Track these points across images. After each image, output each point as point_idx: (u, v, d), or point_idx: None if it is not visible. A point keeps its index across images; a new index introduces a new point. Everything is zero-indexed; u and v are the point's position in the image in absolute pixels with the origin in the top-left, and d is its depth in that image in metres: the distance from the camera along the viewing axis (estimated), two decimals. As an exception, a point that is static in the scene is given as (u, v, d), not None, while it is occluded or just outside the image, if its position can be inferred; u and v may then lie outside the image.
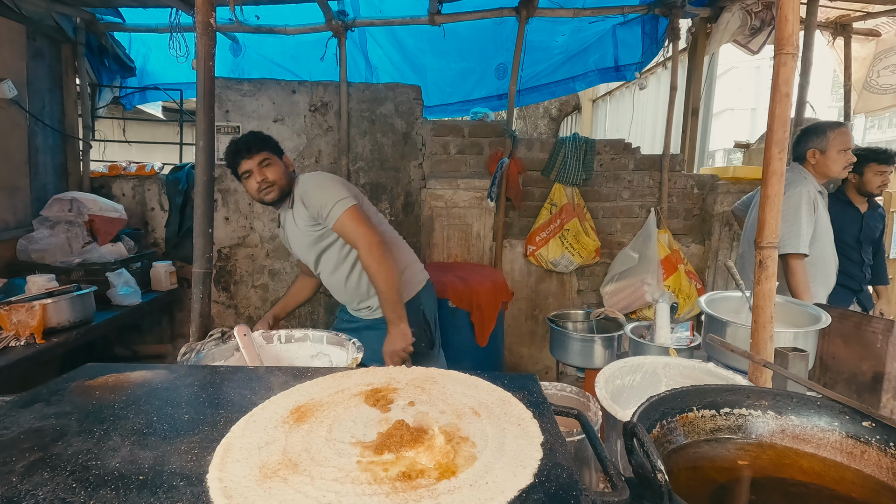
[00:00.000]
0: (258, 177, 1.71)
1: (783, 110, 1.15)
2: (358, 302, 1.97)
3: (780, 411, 0.82)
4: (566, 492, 0.52)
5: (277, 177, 1.75)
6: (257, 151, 1.72)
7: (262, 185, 1.72)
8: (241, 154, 1.72)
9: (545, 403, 0.73)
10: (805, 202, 2.12)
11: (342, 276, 1.90)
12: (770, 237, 1.18)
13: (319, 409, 0.71)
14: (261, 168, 1.72)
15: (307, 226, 1.79)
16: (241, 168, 1.74)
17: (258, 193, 1.75)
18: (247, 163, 1.72)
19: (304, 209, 1.76)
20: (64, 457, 0.58)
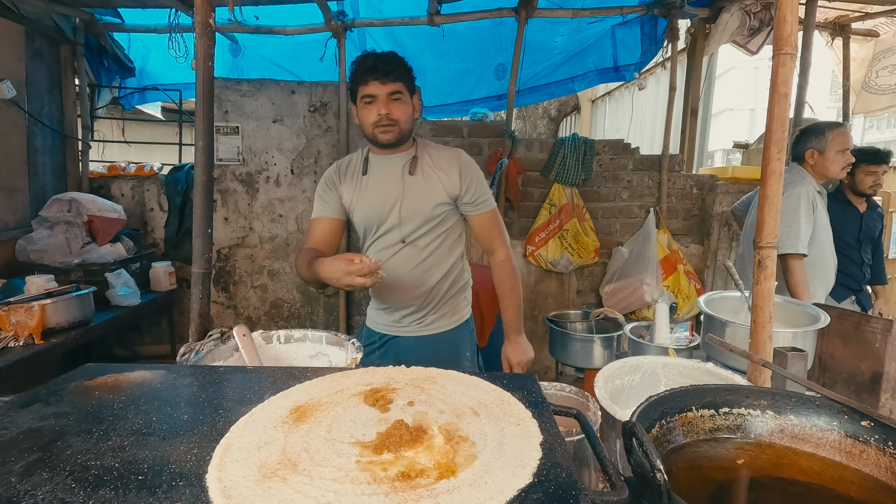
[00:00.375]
0: (382, 109, 1.42)
1: (782, 111, 1.15)
2: (416, 310, 1.61)
3: (779, 411, 0.82)
4: (565, 491, 0.52)
5: (404, 117, 1.46)
6: (394, 79, 1.41)
7: (381, 121, 1.43)
8: (374, 74, 1.40)
9: (544, 403, 0.73)
10: (804, 202, 2.12)
11: (430, 270, 1.58)
12: (769, 237, 1.18)
13: (319, 409, 0.71)
14: (390, 100, 1.43)
15: (443, 194, 1.52)
16: (365, 90, 1.42)
17: (373, 128, 1.46)
18: (376, 86, 1.41)
19: (456, 179, 1.52)
20: (63, 457, 0.58)
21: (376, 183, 1.55)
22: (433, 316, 1.63)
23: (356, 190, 1.56)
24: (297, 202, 3.52)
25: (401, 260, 1.55)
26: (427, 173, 1.53)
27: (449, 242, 1.60)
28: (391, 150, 1.53)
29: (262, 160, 3.47)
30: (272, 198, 3.51)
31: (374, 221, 1.54)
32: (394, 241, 1.54)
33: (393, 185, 1.52)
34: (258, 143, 3.45)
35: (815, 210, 2.15)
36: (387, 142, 1.48)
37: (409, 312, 1.61)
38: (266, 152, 3.47)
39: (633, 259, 3.24)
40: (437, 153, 1.57)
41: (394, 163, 1.55)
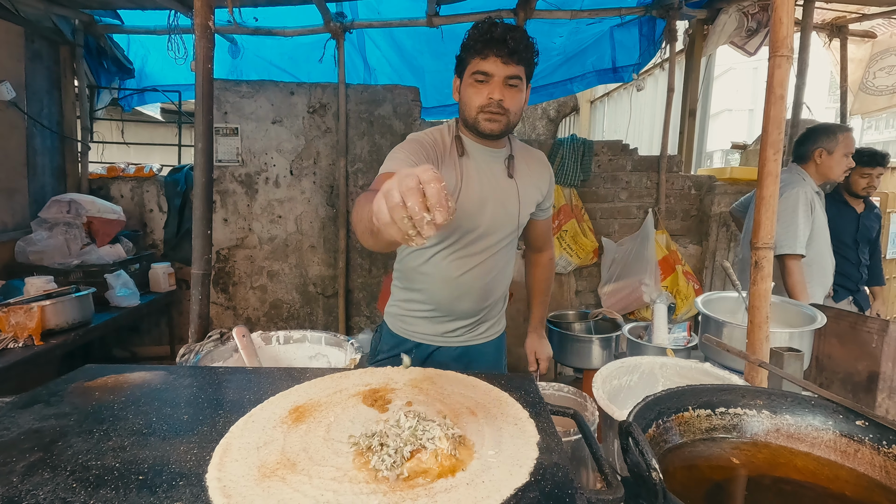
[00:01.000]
0: (496, 93, 1.21)
1: (778, 112, 1.16)
2: (476, 321, 1.46)
3: (775, 410, 0.83)
4: (562, 490, 0.52)
5: (516, 108, 1.26)
6: (518, 62, 1.20)
7: (491, 106, 1.22)
8: (498, 49, 1.18)
9: (542, 403, 0.74)
10: (802, 203, 2.13)
11: (500, 281, 1.45)
12: (765, 238, 1.18)
13: (318, 410, 0.72)
14: (506, 84, 1.21)
15: (535, 201, 1.40)
16: (481, 64, 1.20)
17: (478, 112, 1.24)
18: (495, 64, 1.19)
19: (545, 185, 1.42)
20: (64, 457, 0.59)
21: (476, 176, 1.30)
22: (486, 325, 1.49)
23: (455, 174, 1.28)
24: (296, 203, 3.53)
25: (481, 271, 1.36)
26: (523, 176, 1.36)
27: (514, 249, 1.48)
28: (491, 141, 1.32)
29: (262, 161, 3.48)
30: (271, 199, 3.52)
31: (465, 223, 1.30)
32: (479, 250, 1.34)
33: (493, 185, 1.32)
34: (257, 144, 3.46)
35: (814, 211, 2.16)
36: (490, 132, 1.26)
37: (467, 324, 1.44)
38: (265, 153, 3.47)
39: (632, 259, 3.25)
40: (528, 153, 1.42)
41: (493, 157, 1.33)
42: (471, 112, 1.25)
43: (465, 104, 1.27)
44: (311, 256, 3.58)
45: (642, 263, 3.19)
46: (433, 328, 1.44)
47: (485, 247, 1.34)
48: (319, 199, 3.53)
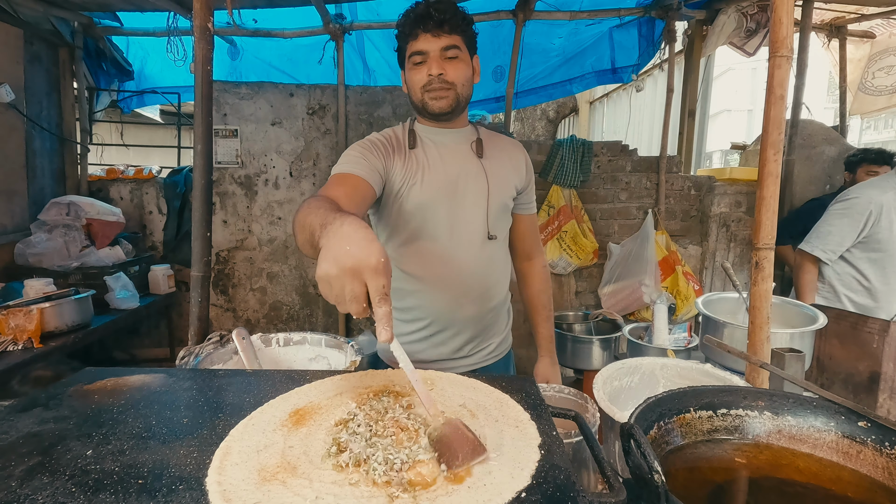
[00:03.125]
0: (435, 68, 1.15)
1: (778, 112, 1.15)
2: (481, 332, 1.36)
3: (777, 412, 0.83)
4: (563, 493, 0.52)
5: (461, 79, 1.19)
6: (449, 31, 1.15)
7: (433, 83, 1.17)
8: (424, 24, 1.15)
9: (543, 405, 0.74)
10: (857, 212, 2.09)
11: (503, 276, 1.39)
12: (766, 238, 1.18)
13: (318, 413, 0.71)
14: (443, 57, 1.16)
15: (514, 185, 1.33)
16: (414, 45, 1.17)
17: (422, 92, 1.19)
18: (427, 40, 1.15)
19: (523, 169, 1.36)
20: (63, 461, 0.58)
21: (437, 160, 1.25)
22: (494, 341, 1.39)
23: (405, 165, 1.23)
24: (295, 204, 3.53)
25: (482, 262, 1.28)
26: (493, 158, 1.29)
27: (506, 248, 1.40)
28: (446, 122, 1.26)
29: (261, 163, 3.48)
30: (271, 200, 3.52)
31: (437, 208, 1.23)
32: (475, 238, 1.26)
33: (460, 167, 1.25)
34: (257, 145, 3.46)
35: (878, 222, 2.08)
36: (439, 110, 1.19)
37: (472, 336, 1.32)
38: (265, 155, 3.47)
39: (632, 260, 3.24)
40: (497, 138, 1.36)
41: (453, 138, 1.28)
42: (416, 95, 1.21)
43: (410, 90, 1.24)
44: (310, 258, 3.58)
45: (642, 264, 3.18)
46: (436, 351, 1.32)
47: (484, 232, 1.27)
48: (319, 201, 3.52)
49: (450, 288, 1.26)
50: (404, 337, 1.33)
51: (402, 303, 1.30)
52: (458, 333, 1.31)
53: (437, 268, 1.25)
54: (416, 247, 1.25)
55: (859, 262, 2.14)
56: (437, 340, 1.31)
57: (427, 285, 1.26)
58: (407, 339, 1.32)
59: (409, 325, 1.32)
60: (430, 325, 1.29)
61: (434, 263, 1.25)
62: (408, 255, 1.26)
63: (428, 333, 1.30)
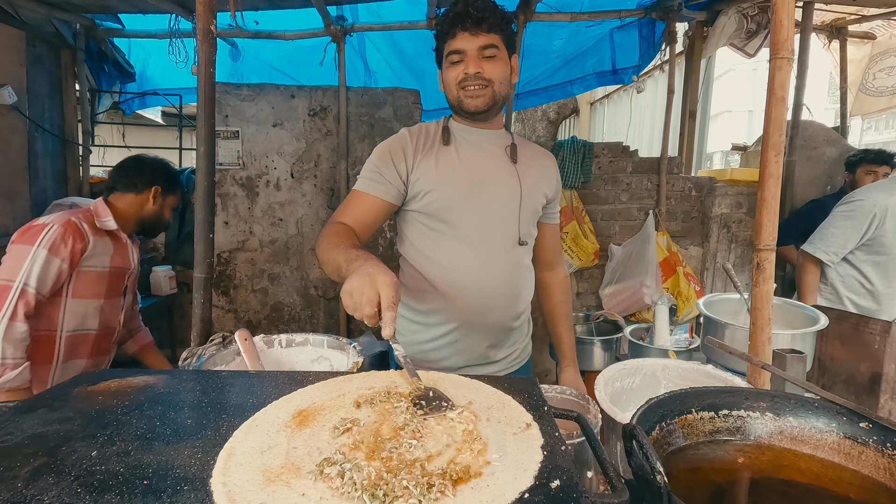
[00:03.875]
0: (472, 67, 1.15)
1: (779, 114, 1.16)
2: (505, 338, 1.34)
3: (778, 413, 0.83)
4: (566, 494, 0.52)
5: (498, 77, 1.18)
6: (488, 30, 1.15)
7: (470, 81, 1.16)
8: (463, 22, 1.14)
9: (545, 406, 0.74)
10: (862, 214, 2.09)
11: (529, 281, 1.37)
12: (767, 240, 1.18)
13: (321, 414, 0.72)
14: (481, 56, 1.16)
15: (544, 193, 1.32)
16: (452, 44, 1.16)
17: (458, 89, 1.18)
18: (465, 39, 1.15)
19: (553, 179, 1.35)
20: (68, 462, 0.59)
21: (470, 159, 1.24)
22: (520, 345, 1.38)
23: (436, 163, 1.21)
24: (297, 206, 3.53)
25: (511, 267, 1.26)
26: (526, 165, 1.28)
27: (531, 254, 1.39)
28: (481, 121, 1.25)
29: (263, 164, 3.48)
30: (272, 202, 3.52)
31: (477, 208, 1.21)
32: (506, 242, 1.25)
33: (491, 167, 1.24)
34: (258, 147, 3.46)
35: (882, 224, 2.08)
36: (475, 108, 1.18)
37: (496, 342, 1.31)
38: (266, 156, 3.48)
39: (633, 261, 3.25)
40: (530, 146, 1.36)
41: (488, 139, 1.27)
42: (452, 93, 1.21)
43: (446, 88, 1.23)
44: (311, 259, 3.58)
45: (643, 265, 3.19)
46: (461, 357, 1.29)
47: (516, 237, 1.26)
48: (320, 202, 3.53)
49: (478, 292, 1.24)
50: (426, 344, 1.30)
51: (427, 305, 1.27)
52: (483, 339, 1.29)
53: (467, 268, 1.23)
54: (445, 247, 1.24)
55: (862, 264, 2.14)
56: (461, 347, 1.28)
57: (456, 287, 1.24)
58: (429, 347, 1.30)
59: (431, 330, 1.29)
60: (456, 329, 1.27)
61: (464, 263, 1.23)
62: (436, 253, 1.24)
63: (452, 339, 1.28)
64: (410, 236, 1.28)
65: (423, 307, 1.28)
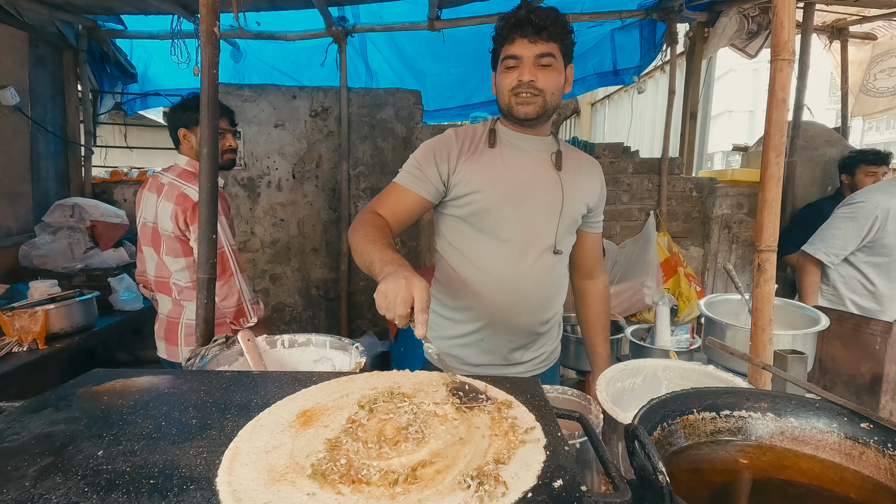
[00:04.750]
0: (527, 75, 1.15)
1: (780, 115, 1.16)
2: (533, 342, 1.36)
3: (780, 413, 0.83)
4: (569, 493, 0.52)
5: (551, 87, 1.18)
6: (547, 38, 1.14)
7: (522, 87, 1.16)
8: (523, 29, 1.14)
9: (548, 407, 0.74)
10: (863, 217, 2.09)
11: (562, 289, 1.38)
12: (768, 241, 1.19)
13: (325, 414, 0.72)
14: (538, 64, 1.15)
15: (586, 202, 1.32)
16: (509, 49, 1.16)
17: (510, 95, 1.18)
18: (523, 45, 1.14)
19: (597, 188, 1.35)
20: (75, 461, 0.59)
21: (513, 163, 1.24)
22: (548, 349, 1.40)
23: (479, 165, 1.22)
24: (298, 206, 3.54)
25: (544, 273, 1.27)
26: (570, 172, 1.28)
27: (566, 263, 1.39)
28: (529, 128, 1.25)
29: (264, 165, 3.49)
30: (274, 202, 3.53)
31: (503, 206, 1.22)
32: (541, 249, 1.26)
33: (535, 173, 1.25)
34: (260, 147, 3.47)
35: (884, 227, 2.09)
36: (525, 115, 1.19)
37: (523, 345, 1.33)
38: (268, 157, 3.49)
39: (634, 262, 3.25)
40: (576, 153, 1.36)
41: (534, 145, 1.27)
42: (504, 98, 1.21)
43: (499, 92, 1.23)
44: (313, 260, 3.59)
45: (644, 266, 3.19)
46: (486, 356, 1.31)
47: (551, 244, 1.26)
48: (322, 203, 3.54)
49: (508, 295, 1.26)
50: (454, 340, 1.32)
51: (458, 302, 1.30)
52: (509, 341, 1.30)
53: (500, 270, 1.25)
54: (480, 247, 1.26)
55: (864, 266, 2.14)
56: (487, 346, 1.30)
57: (487, 287, 1.26)
58: (456, 343, 1.32)
59: (460, 327, 1.31)
60: (483, 328, 1.28)
61: (498, 265, 1.25)
62: (469, 255, 1.27)
63: (479, 337, 1.30)
64: (448, 235, 1.31)
65: (454, 304, 1.31)
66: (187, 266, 1.89)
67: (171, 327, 2.05)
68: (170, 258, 1.91)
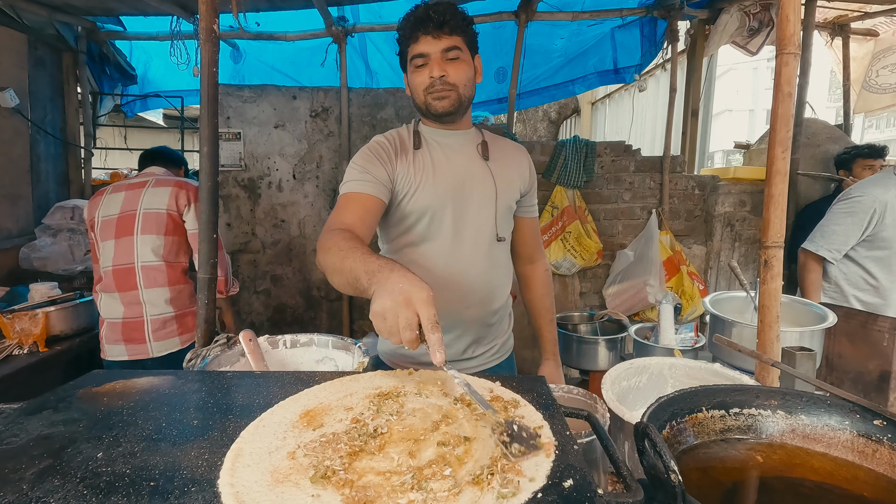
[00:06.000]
0: (437, 70, 1.17)
1: (786, 110, 1.15)
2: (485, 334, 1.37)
3: (790, 411, 0.82)
4: (580, 493, 0.51)
5: (462, 80, 1.21)
6: (450, 32, 1.17)
7: (435, 84, 1.19)
8: (425, 26, 1.17)
9: (555, 405, 0.73)
10: (862, 210, 2.09)
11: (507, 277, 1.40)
12: (775, 237, 1.17)
13: (328, 414, 0.71)
14: (444, 58, 1.18)
15: (518, 188, 1.35)
16: (416, 48, 1.18)
17: (425, 93, 1.21)
18: (428, 43, 1.17)
19: (527, 173, 1.37)
20: (74, 463, 0.58)
21: (443, 161, 1.27)
22: (500, 340, 1.41)
23: (411, 167, 1.24)
24: (299, 207, 3.53)
25: (487, 264, 1.29)
26: (498, 160, 1.31)
27: (508, 250, 1.42)
28: (449, 123, 1.28)
29: (264, 166, 3.48)
30: (274, 203, 3.52)
31: (444, 207, 1.24)
32: (484, 239, 1.28)
33: (465, 168, 1.27)
34: (260, 148, 3.46)
35: (882, 220, 2.09)
36: (442, 110, 1.21)
37: (476, 338, 1.34)
38: (268, 158, 3.48)
39: (637, 261, 3.23)
40: (501, 141, 1.38)
41: (459, 140, 1.30)
42: (419, 97, 1.24)
43: (413, 92, 1.26)
44: (314, 260, 3.57)
45: (647, 264, 3.17)
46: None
47: (493, 233, 1.29)
48: (322, 203, 3.53)
49: (455, 290, 1.27)
50: None
51: None
52: (462, 336, 1.32)
53: (442, 269, 1.26)
54: (423, 248, 1.26)
55: (865, 260, 2.14)
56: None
57: (435, 285, 1.20)
58: None
59: None
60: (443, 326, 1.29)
61: (440, 265, 1.26)
62: (414, 257, 1.27)
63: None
64: (389, 240, 1.32)
65: None
66: (165, 244, 1.95)
67: (135, 326, 2.06)
68: (146, 236, 1.96)
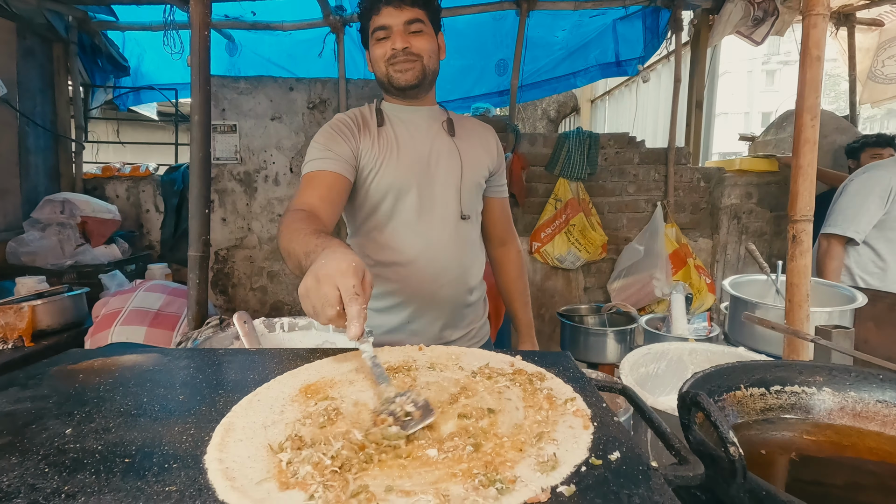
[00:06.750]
0: (399, 42, 1.13)
1: (815, 74, 1.08)
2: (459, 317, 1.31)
3: (838, 388, 0.75)
4: (630, 466, 0.44)
5: (427, 50, 1.17)
6: (412, 4, 1.14)
7: (398, 56, 1.14)
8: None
9: (585, 378, 0.66)
10: (881, 188, 2.06)
11: (478, 257, 1.34)
12: (803, 210, 1.11)
13: (331, 388, 0.63)
14: (407, 31, 1.14)
15: (486, 165, 1.31)
16: (377, 20, 1.15)
17: (387, 65, 1.16)
18: (389, 14, 1.13)
19: (494, 150, 1.34)
20: (37, 440, 0.50)
21: (407, 138, 1.22)
22: (476, 324, 1.36)
23: (375, 144, 1.19)
24: (296, 201, 3.45)
25: (457, 243, 1.24)
26: (464, 138, 1.27)
27: (479, 230, 1.37)
28: (413, 99, 1.23)
29: (261, 159, 3.40)
30: (271, 197, 3.44)
31: (409, 184, 1.19)
32: (450, 217, 1.23)
33: (430, 144, 1.23)
34: (256, 141, 3.38)
35: (894, 201, 2.07)
36: (406, 82, 1.16)
37: (450, 321, 1.28)
38: (264, 151, 3.40)
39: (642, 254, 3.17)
40: (467, 119, 1.35)
41: (423, 116, 1.25)
42: (381, 69, 1.19)
43: (374, 65, 1.21)
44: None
45: (653, 258, 3.11)
46: (416, 338, 1.25)
47: (458, 211, 1.24)
48: (320, 197, 3.45)
49: (426, 269, 1.22)
50: (383, 327, 1.26)
51: (380, 288, 1.24)
52: (437, 318, 1.26)
53: (412, 249, 1.21)
54: (391, 228, 1.22)
55: (877, 242, 2.12)
56: (416, 327, 1.25)
57: (403, 267, 1.22)
58: (385, 328, 1.26)
59: (387, 316, 1.26)
60: (409, 310, 1.24)
61: (410, 244, 1.21)
62: (382, 238, 1.22)
63: (405, 320, 1.25)
64: (356, 222, 1.26)
65: (376, 291, 1.24)
66: None
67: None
68: None
